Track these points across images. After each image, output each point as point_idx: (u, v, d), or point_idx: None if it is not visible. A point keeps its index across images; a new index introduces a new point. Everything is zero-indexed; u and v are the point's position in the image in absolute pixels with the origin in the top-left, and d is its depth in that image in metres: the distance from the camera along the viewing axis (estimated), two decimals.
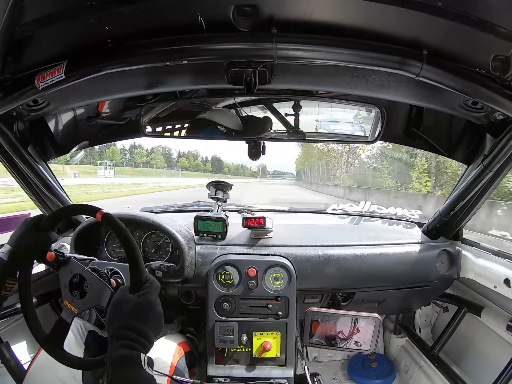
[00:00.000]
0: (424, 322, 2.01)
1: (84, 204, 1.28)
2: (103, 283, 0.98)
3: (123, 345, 0.79)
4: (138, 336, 0.81)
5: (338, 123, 1.54)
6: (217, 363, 1.46)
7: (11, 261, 0.96)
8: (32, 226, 0.99)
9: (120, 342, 0.80)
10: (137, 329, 0.82)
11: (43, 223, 1.00)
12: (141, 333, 0.82)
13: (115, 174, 38.76)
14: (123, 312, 0.84)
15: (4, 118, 1.20)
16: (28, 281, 1.02)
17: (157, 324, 0.88)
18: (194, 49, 0.89)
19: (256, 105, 1.43)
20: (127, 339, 0.80)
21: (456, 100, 1.12)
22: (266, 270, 1.45)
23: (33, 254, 1.00)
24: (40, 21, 0.83)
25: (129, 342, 0.79)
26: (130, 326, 0.82)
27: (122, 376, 0.76)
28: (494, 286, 1.40)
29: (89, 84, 1.03)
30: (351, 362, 2.12)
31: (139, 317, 0.84)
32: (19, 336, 1.49)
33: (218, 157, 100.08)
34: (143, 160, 70.65)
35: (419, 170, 12.18)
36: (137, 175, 47.97)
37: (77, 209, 1.16)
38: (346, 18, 0.84)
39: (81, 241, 1.54)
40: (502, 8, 0.76)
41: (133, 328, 0.82)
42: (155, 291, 0.90)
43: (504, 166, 1.25)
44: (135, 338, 0.80)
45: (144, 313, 0.85)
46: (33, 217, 1.01)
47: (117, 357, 0.78)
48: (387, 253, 1.55)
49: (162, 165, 71.88)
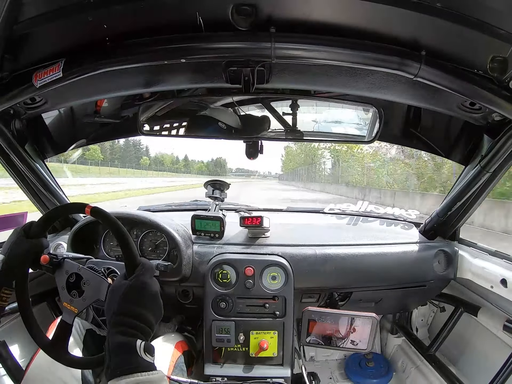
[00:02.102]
0: (421, 322, 2.02)
1: (71, 203, 1.27)
2: (99, 276, 0.97)
3: (118, 331, 0.78)
4: (134, 320, 0.79)
5: (336, 122, 1.54)
6: (214, 362, 1.46)
7: (5, 270, 0.95)
8: (23, 233, 0.98)
9: (116, 329, 0.78)
10: (132, 313, 0.80)
11: (34, 229, 0.99)
12: (137, 317, 0.80)
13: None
14: (117, 298, 0.82)
15: (1, 116, 1.19)
16: (25, 290, 1.01)
17: (154, 305, 0.85)
18: (193, 48, 0.89)
19: (254, 104, 1.43)
20: (122, 325, 0.78)
21: (454, 101, 1.12)
22: (263, 270, 1.45)
23: (27, 262, 0.99)
24: (38, 19, 0.82)
25: (124, 328, 0.78)
26: (125, 311, 0.80)
27: (116, 363, 0.74)
28: (491, 286, 1.40)
29: (87, 82, 1.02)
30: (348, 362, 2.12)
31: (133, 300, 0.82)
32: (16, 335, 1.49)
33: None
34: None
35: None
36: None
37: (65, 210, 1.15)
38: (345, 18, 0.84)
39: (78, 240, 1.53)
40: (500, 10, 0.76)
41: (128, 312, 0.80)
42: (147, 272, 0.87)
43: (502, 167, 1.26)
44: (130, 323, 0.79)
45: (137, 295, 0.83)
46: (23, 225, 1.00)
47: (112, 344, 0.76)
48: (384, 253, 1.56)
49: (99, 158, 59.86)
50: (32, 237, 0.99)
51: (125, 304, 0.81)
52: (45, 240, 1.03)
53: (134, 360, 0.75)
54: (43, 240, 1.01)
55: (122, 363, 0.74)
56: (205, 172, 69.15)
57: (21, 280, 1.00)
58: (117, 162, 61.70)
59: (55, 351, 0.97)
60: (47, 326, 1.31)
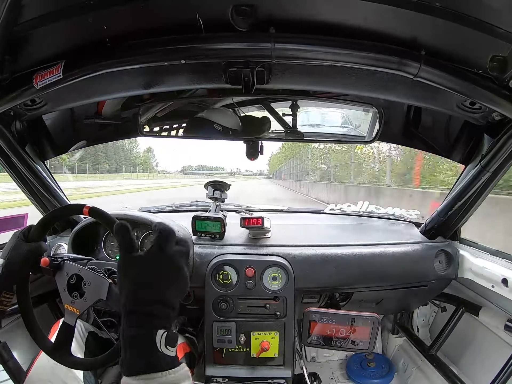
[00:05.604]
0: (422, 321, 2.01)
1: (69, 205, 1.27)
2: (100, 276, 0.97)
3: (133, 322, 0.66)
4: (152, 306, 0.66)
5: (335, 123, 1.55)
6: (215, 363, 1.46)
7: (5, 274, 0.95)
8: (22, 237, 0.98)
9: (131, 320, 0.66)
10: (148, 297, 0.67)
11: (33, 233, 1.00)
12: (154, 301, 0.67)
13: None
14: (127, 279, 0.70)
15: (1, 117, 1.20)
16: (26, 294, 1.02)
17: (177, 281, 0.71)
18: (192, 49, 0.89)
19: (254, 105, 1.43)
20: (138, 314, 0.66)
21: (454, 101, 1.12)
22: (264, 270, 1.45)
23: (27, 266, 0.99)
24: (38, 20, 0.82)
25: (139, 318, 0.66)
26: (138, 296, 0.67)
27: (132, 360, 0.64)
28: (492, 285, 1.40)
29: (87, 84, 1.02)
30: (349, 362, 2.12)
31: (148, 280, 0.68)
32: (17, 336, 1.49)
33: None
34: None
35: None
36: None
37: (63, 212, 1.15)
38: (345, 18, 0.84)
39: (79, 241, 1.53)
40: (500, 9, 0.76)
41: (142, 298, 0.67)
42: (164, 237, 0.71)
43: (502, 166, 1.25)
44: (147, 311, 0.66)
45: (154, 271, 0.69)
46: (22, 229, 1.01)
47: (126, 339, 0.65)
48: (385, 253, 1.55)
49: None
50: (31, 241, 0.99)
51: (138, 287, 0.68)
52: (44, 243, 1.03)
53: (154, 356, 0.63)
54: (42, 243, 1.01)
55: (139, 361, 0.63)
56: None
57: (21, 284, 1.01)
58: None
59: (58, 354, 0.97)
60: (48, 327, 1.31)
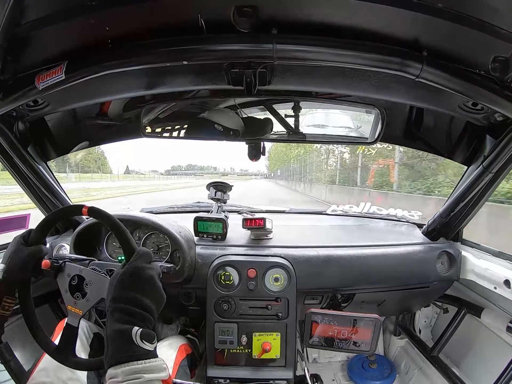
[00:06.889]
0: (424, 323, 2.01)
1: (67, 206, 1.27)
2: (101, 276, 0.97)
3: (115, 319, 0.77)
4: (130, 306, 0.78)
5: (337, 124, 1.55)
6: (217, 364, 1.46)
7: (6, 279, 0.95)
8: (22, 241, 0.98)
9: (112, 317, 0.78)
10: (127, 299, 0.79)
11: (32, 236, 1.00)
12: (133, 303, 0.79)
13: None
14: (113, 286, 0.82)
15: (4, 118, 1.20)
16: (28, 298, 1.01)
17: (151, 290, 0.84)
18: (195, 50, 0.89)
19: (257, 106, 1.43)
20: (119, 312, 0.78)
21: (456, 101, 1.12)
22: (266, 271, 1.45)
23: (28, 270, 0.99)
24: (40, 21, 0.83)
25: (120, 315, 0.77)
26: (120, 297, 0.80)
27: (113, 351, 0.74)
28: (494, 287, 1.39)
29: (89, 85, 1.02)
30: (351, 363, 2.11)
31: (127, 286, 0.81)
32: (19, 337, 1.49)
33: None
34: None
35: None
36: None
37: (62, 213, 1.14)
38: (347, 19, 0.84)
39: (81, 241, 1.53)
40: (502, 10, 0.76)
41: (123, 299, 0.79)
42: (141, 257, 0.86)
43: (504, 167, 1.25)
44: (126, 309, 0.78)
45: (132, 281, 0.82)
46: (22, 233, 1.01)
47: (109, 332, 0.76)
48: (387, 254, 1.55)
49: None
50: (32, 244, 0.99)
51: (120, 291, 0.80)
52: (45, 246, 1.03)
53: (130, 348, 0.74)
54: (43, 246, 1.02)
55: (118, 351, 0.74)
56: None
57: (23, 288, 1.00)
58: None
59: (62, 355, 0.97)
60: (50, 328, 1.31)
